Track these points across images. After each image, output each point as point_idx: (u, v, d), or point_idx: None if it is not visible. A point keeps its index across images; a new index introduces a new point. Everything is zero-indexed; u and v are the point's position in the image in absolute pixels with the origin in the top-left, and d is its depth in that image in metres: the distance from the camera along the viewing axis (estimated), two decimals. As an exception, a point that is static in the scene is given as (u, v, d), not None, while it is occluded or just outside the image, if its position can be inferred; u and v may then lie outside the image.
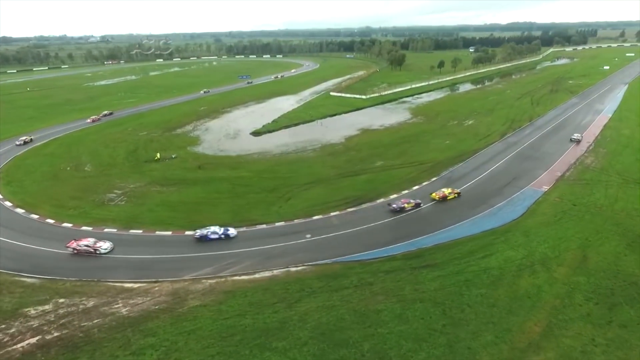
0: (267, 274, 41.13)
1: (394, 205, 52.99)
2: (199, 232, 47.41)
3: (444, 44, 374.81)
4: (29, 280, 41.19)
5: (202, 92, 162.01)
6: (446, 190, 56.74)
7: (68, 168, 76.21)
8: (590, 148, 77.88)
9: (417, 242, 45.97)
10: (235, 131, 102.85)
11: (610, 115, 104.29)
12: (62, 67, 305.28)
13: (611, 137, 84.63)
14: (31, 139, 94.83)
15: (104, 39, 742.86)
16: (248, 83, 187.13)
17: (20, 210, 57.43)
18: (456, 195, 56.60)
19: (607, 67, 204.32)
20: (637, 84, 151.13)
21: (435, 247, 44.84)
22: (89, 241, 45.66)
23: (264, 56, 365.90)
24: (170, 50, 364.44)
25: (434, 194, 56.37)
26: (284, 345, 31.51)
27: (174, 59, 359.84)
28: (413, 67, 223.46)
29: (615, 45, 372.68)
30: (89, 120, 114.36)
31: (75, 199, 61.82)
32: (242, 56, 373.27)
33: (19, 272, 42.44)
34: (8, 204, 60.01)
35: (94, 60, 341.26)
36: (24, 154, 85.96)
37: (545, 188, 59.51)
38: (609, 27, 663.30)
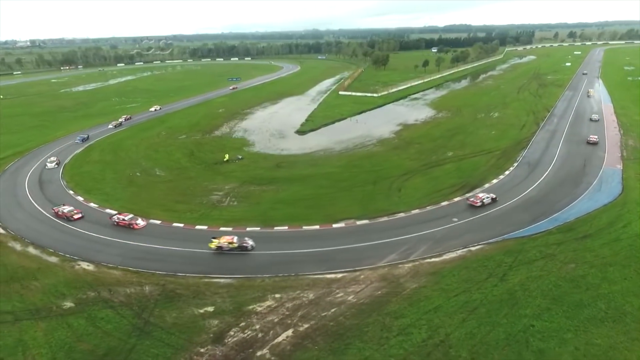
0: (453, 255, 43.45)
1: None
2: None
3: (406, 44, 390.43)
4: (222, 280, 40.30)
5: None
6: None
7: (138, 174, 72.68)
8: (622, 132, 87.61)
9: (557, 218, 50.42)
10: (277, 131, 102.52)
11: (610, 104, 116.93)
12: (14, 73, 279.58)
13: (629, 123, 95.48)
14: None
15: (34, 44, 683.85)
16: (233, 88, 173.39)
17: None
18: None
19: (569, 64, 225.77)
20: (608, 78, 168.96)
21: (577, 221, 49.56)
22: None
23: (231, 59, 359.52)
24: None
25: None
26: (532, 312, 34.26)
27: (136, 63, 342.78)
28: (396, 67, 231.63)
29: (556, 44, 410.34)
30: (110, 126, 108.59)
31: (180, 202, 59.78)
32: (209, 59, 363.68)
33: (206, 274, 41.28)
34: (111, 211, 56.71)
35: (47, 65, 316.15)
36: (72, 161, 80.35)
37: (619, 167, 66.88)
38: (536, 29, 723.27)
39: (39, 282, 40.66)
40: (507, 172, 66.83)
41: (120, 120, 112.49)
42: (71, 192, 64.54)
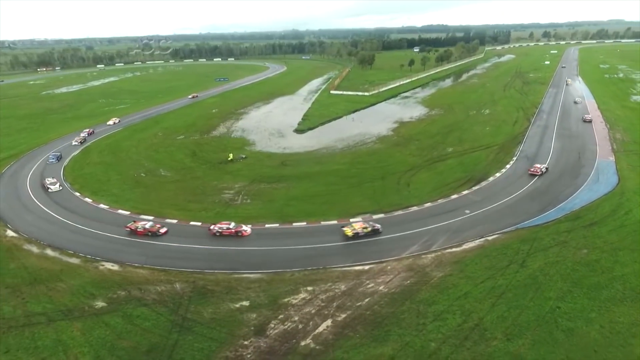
0: (472, 244, 45.15)
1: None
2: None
3: (389, 44, 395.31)
4: (252, 276, 40.84)
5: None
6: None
7: (143, 174, 72.07)
8: (608, 127, 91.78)
9: (563, 208, 52.82)
10: (276, 130, 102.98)
11: (593, 101, 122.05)
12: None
13: (614, 118, 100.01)
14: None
15: (4, 45, 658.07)
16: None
17: (148, 217, 54.38)
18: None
19: (548, 62, 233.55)
20: (587, 76, 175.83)
21: (582, 209, 52.09)
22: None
23: (214, 60, 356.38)
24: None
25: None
26: (556, 295, 36.17)
27: (116, 64, 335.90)
28: (382, 66, 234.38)
29: (532, 44, 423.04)
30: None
31: (192, 202, 59.79)
32: (191, 60, 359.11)
33: (233, 270, 41.76)
34: (124, 212, 56.28)
35: (22, 67, 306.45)
36: (71, 164, 78.84)
37: (611, 159, 70.31)
38: (511, 29, 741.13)
39: (65, 284, 40.23)
40: (508, 166, 69.34)
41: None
42: (77, 194, 63.54)
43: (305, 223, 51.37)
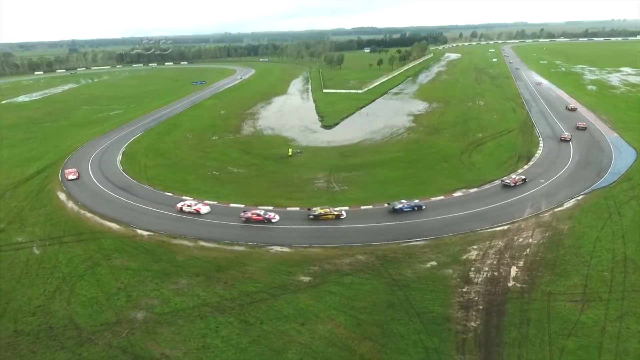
0: (568, 204, 54.48)
1: None
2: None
3: (340, 46, 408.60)
4: (417, 243, 46.35)
5: None
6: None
7: (215, 172, 73.29)
8: (590, 110, 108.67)
9: (613, 172, 64.47)
10: (304, 127, 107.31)
11: (560, 90, 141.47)
12: None
13: (587, 103, 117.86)
14: None
15: None
16: None
17: (267, 207, 57.04)
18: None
19: (495, 60, 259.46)
20: (538, 69, 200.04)
21: (627, 173, 64.08)
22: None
23: (166, 64, 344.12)
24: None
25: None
26: (661, 232, 46.42)
27: (57, 71, 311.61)
28: (350, 66, 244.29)
29: (467, 44, 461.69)
30: None
31: (293, 192, 63.23)
32: (140, 64, 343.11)
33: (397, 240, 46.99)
34: (236, 205, 58.21)
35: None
36: (127, 168, 77.02)
37: (616, 134, 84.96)
38: (434, 30, 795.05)
39: (253, 267, 42.72)
40: (541, 145, 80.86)
41: None
42: (169, 194, 63.60)
43: (417, 201, 57.38)
